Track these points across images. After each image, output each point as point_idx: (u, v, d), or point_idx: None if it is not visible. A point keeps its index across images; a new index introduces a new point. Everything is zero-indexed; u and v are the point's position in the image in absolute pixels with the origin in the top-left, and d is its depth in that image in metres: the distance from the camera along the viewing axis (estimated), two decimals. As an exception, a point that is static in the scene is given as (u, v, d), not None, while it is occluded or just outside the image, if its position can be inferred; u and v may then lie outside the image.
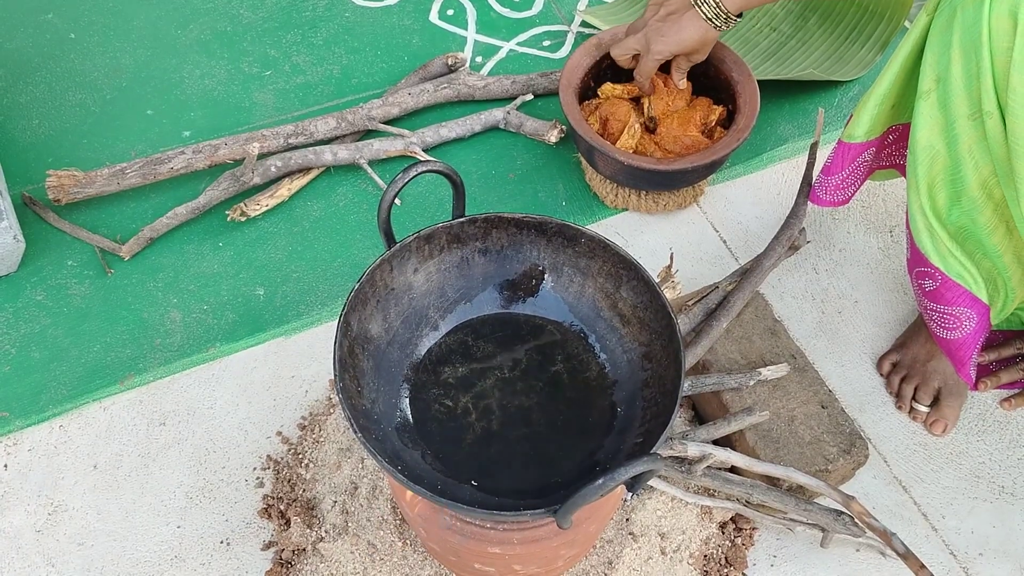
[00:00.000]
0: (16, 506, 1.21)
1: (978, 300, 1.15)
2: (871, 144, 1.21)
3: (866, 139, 1.19)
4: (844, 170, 1.23)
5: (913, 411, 1.28)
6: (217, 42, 1.71)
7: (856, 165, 1.23)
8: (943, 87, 1.05)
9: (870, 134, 1.19)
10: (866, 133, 1.19)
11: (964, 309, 1.16)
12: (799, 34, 1.68)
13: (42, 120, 1.59)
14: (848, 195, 1.27)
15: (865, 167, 1.24)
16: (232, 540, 1.19)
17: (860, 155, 1.21)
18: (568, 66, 1.44)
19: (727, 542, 1.18)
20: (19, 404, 1.29)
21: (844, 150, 1.21)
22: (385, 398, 0.94)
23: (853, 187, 1.26)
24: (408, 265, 0.97)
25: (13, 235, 1.35)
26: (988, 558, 1.18)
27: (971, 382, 1.22)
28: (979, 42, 0.99)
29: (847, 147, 1.21)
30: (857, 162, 1.22)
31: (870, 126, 1.18)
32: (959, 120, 1.04)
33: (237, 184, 1.45)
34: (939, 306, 1.17)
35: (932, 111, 1.06)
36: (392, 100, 1.55)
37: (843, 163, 1.22)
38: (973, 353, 1.18)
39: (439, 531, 0.97)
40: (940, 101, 1.05)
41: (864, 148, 1.21)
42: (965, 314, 1.16)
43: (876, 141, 1.21)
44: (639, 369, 0.96)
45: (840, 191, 1.26)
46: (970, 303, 1.15)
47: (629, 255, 0.96)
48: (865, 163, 1.24)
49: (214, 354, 1.34)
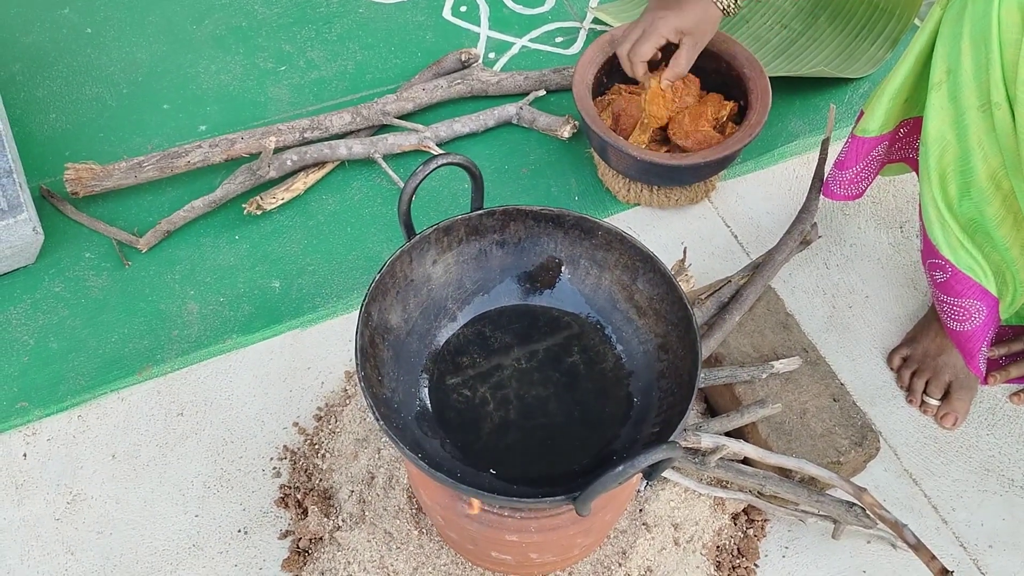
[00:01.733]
0: (36, 495, 1.23)
1: (988, 292, 1.16)
2: (884, 138, 1.22)
3: (879, 133, 1.20)
4: (858, 164, 1.24)
5: (924, 405, 1.29)
6: (232, 37, 1.72)
7: (869, 159, 1.24)
8: (953, 78, 1.06)
9: (883, 128, 1.20)
10: (879, 127, 1.20)
11: (974, 301, 1.17)
12: (810, 31, 1.69)
13: (59, 114, 1.60)
14: (862, 189, 1.28)
15: (878, 160, 1.25)
16: (249, 529, 1.20)
17: (874, 149, 1.22)
18: (581, 62, 1.45)
19: (739, 533, 1.19)
20: (38, 394, 1.30)
21: (858, 144, 1.22)
22: (404, 387, 0.95)
23: (866, 181, 1.27)
24: (427, 256, 0.99)
25: (32, 227, 1.36)
26: (998, 550, 1.19)
27: (981, 375, 1.23)
28: (988, 34, 1.00)
29: (861, 141, 1.22)
30: (871, 156, 1.23)
31: (884, 120, 1.19)
32: (969, 111, 1.05)
33: (253, 178, 1.46)
34: (950, 298, 1.18)
35: (943, 102, 1.08)
36: (406, 95, 1.57)
37: (857, 157, 1.23)
38: (982, 345, 1.19)
39: (456, 519, 0.98)
40: (950, 92, 1.06)
41: (877, 142, 1.22)
42: (975, 306, 1.17)
43: (888, 135, 1.22)
44: (655, 360, 0.97)
45: (854, 185, 1.27)
46: (980, 295, 1.16)
47: (646, 247, 0.97)
48: (878, 157, 1.25)
49: (231, 345, 1.35)
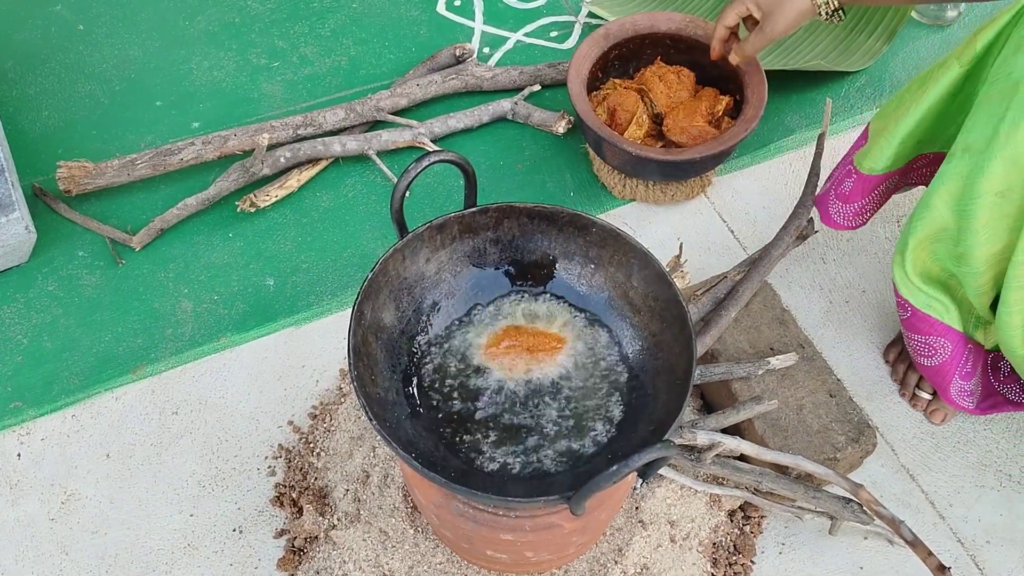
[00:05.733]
0: (30, 495, 1.22)
1: (951, 328, 1.14)
2: (894, 174, 1.19)
3: (888, 171, 1.18)
4: (863, 199, 1.21)
5: (915, 398, 1.29)
6: (225, 33, 1.71)
7: (876, 193, 1.21)
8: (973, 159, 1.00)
9: (893, 166, 1.17)
10: (888, 166, 1.17)
11: (938, 338, 1.15)
12: (806, 24, 1.68)
13: (52, 112, 1.60)
14: (865, 219, 1.26)
15: (887, 192, 1.23)
16: (244, 528, 1.20)
17: (881, 184, 1.20)
18: (576, 57, 1.44)
19: (736, 530, 1.18)
20: (32, 394, 1.30)
21: (863, 181, 1.19)
22: (398, 386, 0.95)
23: (871, 212, 1.25)
24: (420, 255, 0.98)
25: (24, 226, 1.35)
26: (995, 546, 1.19)
27: (955, 406, 1.21)
28: None
29: (866, 179, 1.19)
30: (878, 190, 1.21)
31: (893, 160, 1.16)
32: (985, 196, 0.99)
33: (247, 175, 1.45)
34: (914, 335, 1.17)
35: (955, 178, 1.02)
36: (400, 91, 1.56)
37: (862, 193, 1.21)
38: (954, 378, 1.18)
39: (452, 518, 0.98)
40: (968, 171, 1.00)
41: (885, 178, 1.19)
42: (939, 343, 1.15)
43: (900, 170, 1.19)
44: (650, 358, 0.96)
45: (858, 216, 1.25)
46: (943, 332, 1.14)
47: (640, 245, 0.96)
48: (887, 189, 1.22)
49: (225, 344, 1.35)
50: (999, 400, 1.22)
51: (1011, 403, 1.22)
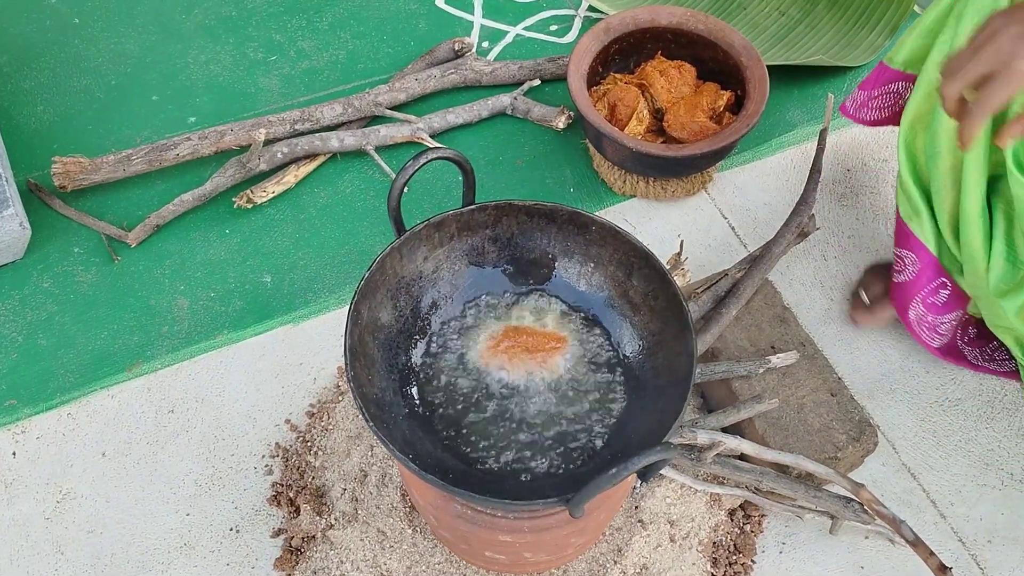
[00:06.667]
0: (25, 494, 1.21)
1: (922, 246, 1.18)
2: (908, 77, 1.22)
3: (903, 69, 1.21)
4: (876, 88, 1.26)
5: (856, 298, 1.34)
6: (222, 27, 1.69)
7: (888, 90, 1.25)
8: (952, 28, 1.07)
9: (907, 66, 1.21)
10: (904, 63, 1.21)
11: (908, 252, 1.19)
12: (808, 19, 1.67)
13: (47, 106, 1.58)
14: (874, 117, 1.30)
15: (897, 97, 1.26)
16: (241, 527, 1.19)
17: (894, 81, 1.24)
18: (576, 51, 1.43)
19: (736, 529, 1.18)
20: (27, 392, 1.29)
21: (881, 70, 1.25)
22: (395, 386, 0.94)
23: (879, 112, 1.29)
24: (418, 253, 0.97)
25: (19, 222, 1.34)
26: (997, 545, 1.18)
27: (912, 331, 1.26)
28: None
29: (884, 68, 1.24)
30: (890, 87, 1.25)
31: (909, 56, 1.20)
32: None
33: (243, 171, 1.44)
34: (894, 249, 1.23)
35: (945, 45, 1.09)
36: (399, 86, 1.55)
37: (877, 81, 1.26)
38: (915, 299, 1.22)
39: (450, 519, 0.97)
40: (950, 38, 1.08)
41: (899, 76, 1.23)
42: (909, 257, 1.20)
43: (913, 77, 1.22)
44: (651, 357, 0.95)
45: (867, 108, 1.29)
46: (914, 246, 1.19)
47: (640, 243, 0.95)
48: (897, 92, 1.25)
49: (222, 341, 1.34)
50: (959, 357, 1.29)
51: (969, 363, 1.29)
